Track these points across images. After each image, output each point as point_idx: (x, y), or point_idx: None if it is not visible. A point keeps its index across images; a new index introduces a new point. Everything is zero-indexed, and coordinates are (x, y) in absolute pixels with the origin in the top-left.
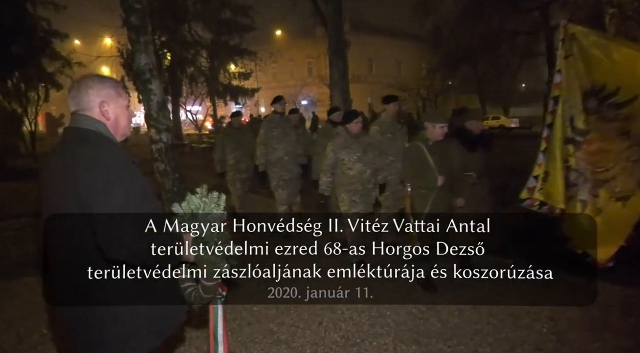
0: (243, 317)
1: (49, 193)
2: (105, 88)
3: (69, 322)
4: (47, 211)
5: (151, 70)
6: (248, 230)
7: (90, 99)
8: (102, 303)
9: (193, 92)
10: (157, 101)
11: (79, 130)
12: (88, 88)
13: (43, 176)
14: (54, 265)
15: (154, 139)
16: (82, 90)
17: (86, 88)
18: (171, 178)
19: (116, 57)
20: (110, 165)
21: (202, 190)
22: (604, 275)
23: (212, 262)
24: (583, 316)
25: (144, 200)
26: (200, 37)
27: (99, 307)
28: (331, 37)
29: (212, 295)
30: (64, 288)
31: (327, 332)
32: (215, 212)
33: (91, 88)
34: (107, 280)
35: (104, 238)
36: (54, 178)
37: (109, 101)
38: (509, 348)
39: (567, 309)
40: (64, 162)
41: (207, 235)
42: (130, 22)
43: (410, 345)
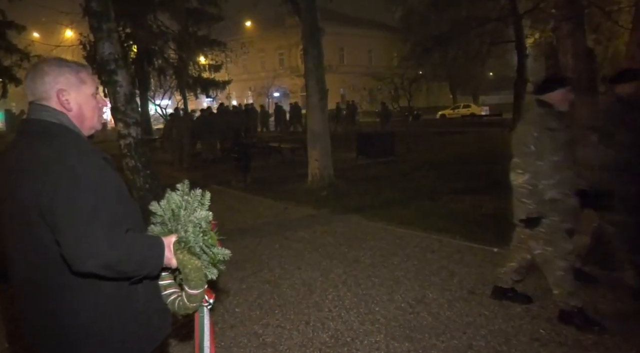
0: (225, 319)
1: (5, 196)
2: (64, 74)
3: (35, 340)
4: (4, 217)
5: (116, 60)
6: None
7: (46, 87)
8: (70, 320)
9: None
10: (124, 93)
11: (38, 122)
12: (44, 75)
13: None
14: (15, 276)
15: (122, 134)
16: (37, 78)
17: (41, 75)
18: (142, 174)
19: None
20: (75, 162)
21: (183, 187)
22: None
23: (197, 269)
24: None
25: (118, 201)
26: (167, 27)
27: (67, 325)
28: (305, 25)
29: (198, 303)
30: (27, 302)
31: (315, 332)
32: (200, 211)
33: (47, 74)
34: (75, 294)
35: (69, 249)
36: (10, 179)
37: (69, 89)
38: (504, 340)
39: None
40: (20, 159)
41: (192, 238)
42: (91, 8)
43: (402, 341)
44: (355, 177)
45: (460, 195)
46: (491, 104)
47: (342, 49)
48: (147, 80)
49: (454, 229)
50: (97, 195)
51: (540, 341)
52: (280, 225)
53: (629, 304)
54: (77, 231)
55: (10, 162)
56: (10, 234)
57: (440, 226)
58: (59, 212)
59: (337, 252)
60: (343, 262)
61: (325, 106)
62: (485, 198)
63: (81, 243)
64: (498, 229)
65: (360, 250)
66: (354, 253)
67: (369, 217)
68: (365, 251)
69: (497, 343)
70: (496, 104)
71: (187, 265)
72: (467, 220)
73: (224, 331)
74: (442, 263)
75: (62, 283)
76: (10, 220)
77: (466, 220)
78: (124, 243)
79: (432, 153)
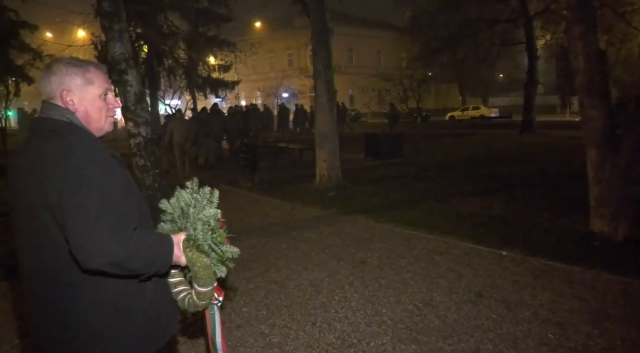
0: (232, 319)
1: (16, 194)
2: (70, 75)
3: (44, 338)
4: (15, 215)
5: (127, 59)
6: None
7: (52, 87)
8: (79, 317)
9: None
10: (134, 93)
11: (48, 120)
12: (51, 74)
13: (10, 174)
14: (25, 272)
15: (132, 133)
16: (45, 77)
17: (49, 75)
18: (151, 173)
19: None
20: (83, 160)
21: (192, 185)
22: (598, 263)
23: (206, 266)
24: (582, 307)
25: (127, 199)
26: (177, 28)
27: (77, 322)
28: (314, 26)
29: (208, 301)
30: (37, 299)
31: (322, 333)
32: (208, 209)
33: (54, 74)
34: (84, 291)
35: (78, 246)
36: (20, 177)
37: (74, 90)
38: (512, 343)
39: (565, 300)
40: (30, 157)
41: (200, 236)
42: (102, 9)
43: (409, 344)
44: (363, 178)
45: (469, 197)
46: (501, 106)
47: (351, 50)
48: (157, 80)
49: (461, 231)
50: (105, 193)
51: (549, 346)
52: (287, 226)
53: None
54: (85, 229)
55: (21, 161)
56: (21, 231)
57: (448, 228)
58: (67, 210)
59: (344, 253)
60: (350, 263)
61: (334, 107)
62: (493, 200)
63: (89, 241)
64: (506, 232)
65: (367, 252)
66: (361, 255)
67: (376, 218)
68: (372, 252)
69: (505, 347)
70: (506, 105)
71: (196, 262)
72: (476, 222)
73: (231, 330)
74: (449, 265)
75: (71, 280)
76: (21, 218)
77: (474, 223)
78: (132, 241)
79: (441, 155)
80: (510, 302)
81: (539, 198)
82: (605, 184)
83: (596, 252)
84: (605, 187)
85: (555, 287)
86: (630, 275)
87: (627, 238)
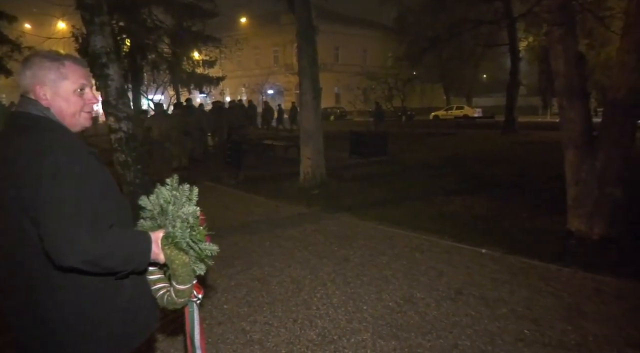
0: (213, 315)
1: None
2: (44, 69)
3: (20, 333)
4: None
5: (108, 53)
6: None
7: (27, 81)
8: (54, 314)
9: (155, 80)
10: (115, 87)
11: (24, 115)
12: (27, 68)
13: None
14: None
15: (113, 128)
16: (22, 71)
17: (25, 68)
18: (133, 169)
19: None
20: (58, 156)
21: (172, 182)
22: (573, 261)
23: (185, 264)
24: (558, 303)
25: (103, 197)
26: (161, 22)
27: (52, 318)
28: (300, 23)
29: (187, 298)
30: (11, 296)
31: (303, 330)
32: (187, 206)
33: (29, 68)
34: (59, 289)
35: (51, 243)
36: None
37: (48, 85)
38: (489, 339)
39: (541, 297)
40: (4, 152)
41: (179, 234)
42: (83, 1)
43: (389, 340)
44: (347, 176)
45: (452, 196)
46: (484, 106)
47: (337, 48)
48: (140, 74)
49: (443, 230)
50: (80, 190)
51: (525, 341)
52: (271, 223)
53: None
54: (59, 226)
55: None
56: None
57: (430, 226)
58: (41, 207)
59: (327, 251)
60: (332, 261)
61: (319, 105)
62: (475, 199)
63: (63, 238)
64: (487, 231)
65: (350, 249)
66: (344, 252)
67: (360, 216)
68: (355, 250)
69: (482, 343)
70: (489, 106)
71: (175, 260)
72: (457, 221)
73: (212, 327)
74: (430, 263)
75: (47, 277)
76: None
77: (456, 221)
78: (107, 239)
79: (425, 153)
80: (489, 299)
81: (520, 197)
82: (582, 185)
83: (572, 251)
84: (583, 187)
85: (532, 284)
86: (604, 273)
87: (602, 238)
